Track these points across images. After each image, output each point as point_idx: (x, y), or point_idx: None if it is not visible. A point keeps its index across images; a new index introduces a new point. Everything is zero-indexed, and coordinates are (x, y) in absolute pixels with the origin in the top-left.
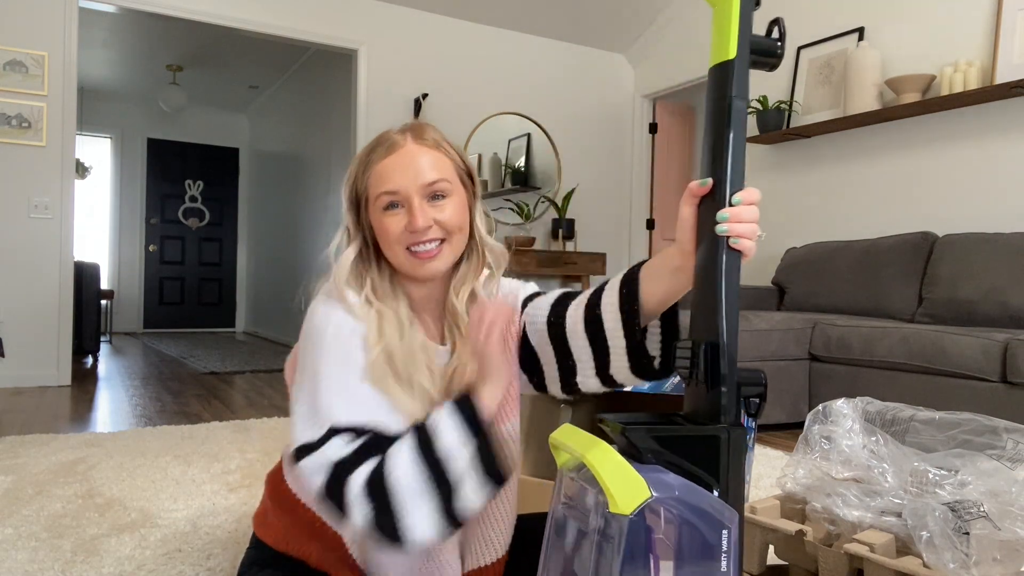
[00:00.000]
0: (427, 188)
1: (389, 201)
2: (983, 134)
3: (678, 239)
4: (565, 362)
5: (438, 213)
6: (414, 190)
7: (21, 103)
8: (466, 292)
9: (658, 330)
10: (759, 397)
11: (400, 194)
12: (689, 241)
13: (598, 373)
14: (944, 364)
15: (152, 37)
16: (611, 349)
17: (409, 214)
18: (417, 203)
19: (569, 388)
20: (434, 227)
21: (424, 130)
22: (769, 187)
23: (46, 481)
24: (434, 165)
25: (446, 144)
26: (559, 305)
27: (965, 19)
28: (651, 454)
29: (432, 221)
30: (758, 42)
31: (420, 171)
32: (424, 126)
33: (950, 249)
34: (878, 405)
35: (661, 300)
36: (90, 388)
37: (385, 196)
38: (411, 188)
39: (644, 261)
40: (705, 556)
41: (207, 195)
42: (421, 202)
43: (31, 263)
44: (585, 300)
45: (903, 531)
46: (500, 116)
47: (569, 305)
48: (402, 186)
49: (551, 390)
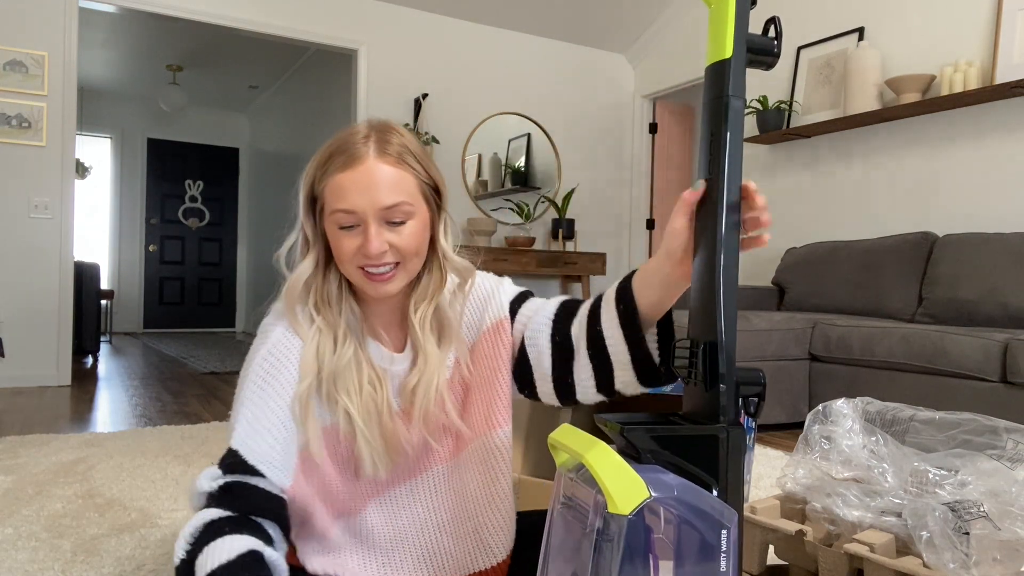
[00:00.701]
0: (385, 212)
1: (345, 221)
2: (983, 134)
3: (669, 248)
4: (565, 380)
5: (395, 237)
6: (371, 213)
7: (21, 103)
8: (428, 308)
9: (655, 337)
10: (758, 396)
11: (356, 215)
12: (681, 250)
13: (600, 389)
14: (944, 364)
15: (152, 37)
16: (615, 365)
17: (364, 238)
18: (374, 229)
19: (566, 400)
20: (388, 252)
21: (389, 140)
22: (769, 187)
23: (46, 481)
24: (395, 186)
25: (411, 157)
26: (560, 323)
27: (965, 19)
28: (650, 454)
29: (387, 246)
30: (755, 41)
31: (379, 193)
32: (390, 133)
33: (950, 249)
34: (878, 405)
35: (657, 309)
36: (90, 388)
37: (341, 214)
38: (368, 211)
39: (634, 271)
40: (704, 556)
41: (207, 195)
42: (378, 227)
43: (31, 263)
44: (585, 321)
45: (903, 531)
46: (500, 116)
47: (572, 324)
48: (359, 207)
49: (543, 400)
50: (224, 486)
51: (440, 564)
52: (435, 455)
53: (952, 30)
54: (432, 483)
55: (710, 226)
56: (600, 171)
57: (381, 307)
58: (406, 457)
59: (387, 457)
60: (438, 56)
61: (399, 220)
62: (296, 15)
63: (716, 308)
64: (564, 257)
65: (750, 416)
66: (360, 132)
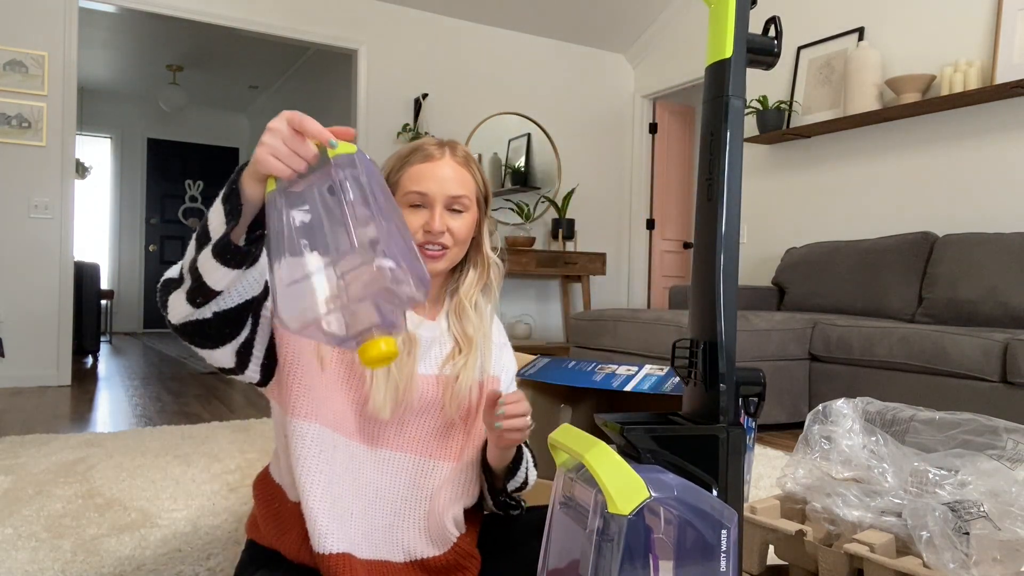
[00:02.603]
0: (451, 199)
1: (416, 200)
2: (983, 134)
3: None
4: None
5: (453, 223)
6: (439, 198)
7: (21, 103)
8: (475, 298)
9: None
10: (758, 396)
11: (428, 197)
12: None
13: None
14: (944, 364)
15: (152, 37)
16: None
17: (431, 216)
18: (439, 210)
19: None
20: (446, 234)
21: (457, 148)
22: (769, 187)
23: (46, 481)
24: (461, 181)
25: (474, 164)
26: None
27: (965, 19)
28: (650, 454)
29: (446, 228)
30: (755, 41)
31: (449, 183)
32: (457, 144)
33: (950, 249)
34: (878, 405)
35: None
36: (90, 388)
37: (414, 195)
38: (438, 195)
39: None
40: (704, 556)
41: (207, 195)
42: (442, 210)
43: (31, 263)
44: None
45: (903, 531)
46: (500, 116)
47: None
48: (431, 191)
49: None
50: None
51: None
52: (447, 450)
53: (952, 30)
54: (426, 470)
55: (710, 226)
56: (600, 171)
57: None
58: (411, 410)
59: (397, 397)
60: (438, 56)
61: (459, 209)
62: (296, 15)
63: (716, 308)
64: (564, 257)
65: (750, 416)
66: (433, 141)
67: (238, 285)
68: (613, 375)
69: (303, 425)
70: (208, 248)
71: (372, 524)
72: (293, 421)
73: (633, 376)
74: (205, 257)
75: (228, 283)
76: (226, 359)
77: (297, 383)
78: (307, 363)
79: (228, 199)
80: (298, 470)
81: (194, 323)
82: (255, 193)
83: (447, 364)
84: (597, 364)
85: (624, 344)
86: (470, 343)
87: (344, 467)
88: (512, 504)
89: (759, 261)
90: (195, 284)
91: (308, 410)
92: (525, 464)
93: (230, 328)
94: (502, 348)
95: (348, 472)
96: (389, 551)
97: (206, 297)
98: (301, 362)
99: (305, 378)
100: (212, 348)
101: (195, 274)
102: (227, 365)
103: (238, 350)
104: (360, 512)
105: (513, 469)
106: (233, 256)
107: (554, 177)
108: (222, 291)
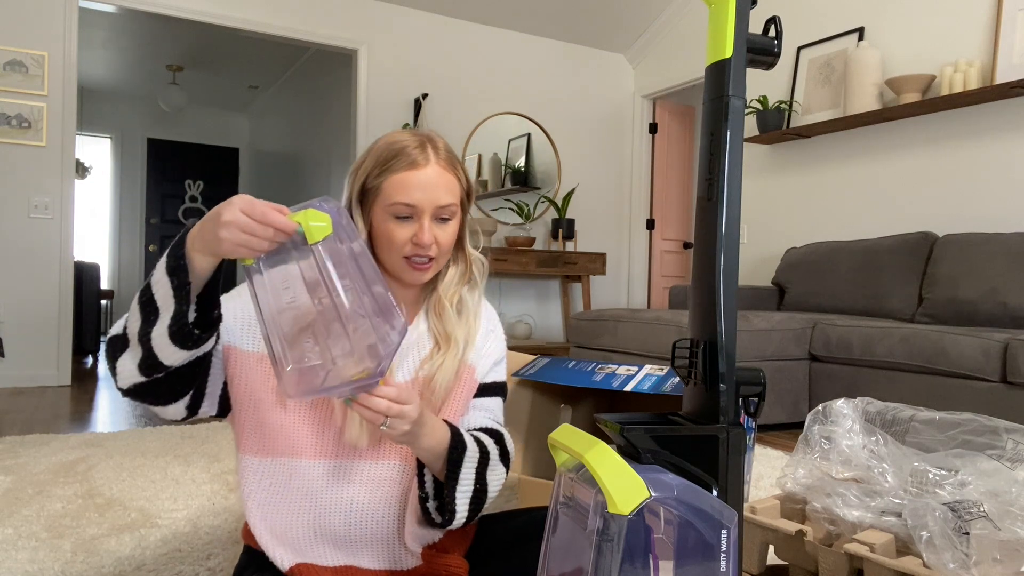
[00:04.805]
0: (439, 210)
1: (403, 212)
2: (983, 134)
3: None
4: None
5: (440, 233)
6: (428, 209)
7: (21, 103)
8: (455, 295)
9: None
10: (758, 396)
11: (416, 208)
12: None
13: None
14: (944, 364)
15: (152, 37)
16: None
17: (419, 229)
18: (427, 222)
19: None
20: (433, 246)
21: (440, 147)
22: (769, 187)
23: (46, 481)
24: (448, 188)
25: (458, 164)
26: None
27: (965, 19)
28: (650, 454)
29: (434, 239)
30: (755, 40)
31: (437, 192)
32: (438, 141)
33: (950, 249)
34: (878, 405)
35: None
36: (90, 388)
37: (400, 206)
38: (426, 206)
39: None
40: (704, 556)
41: (207, 195)
42: (430, 222)
43: (31, 263)
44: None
45: (903, 531)
46: (500, 116)
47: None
48: (419, 202)
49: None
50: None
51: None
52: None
53: (952, 30)
54: (379, 473)
55: (710, 226)
56: (600, 171)
57: (402, 290)
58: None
59: (373, 427)
60: (438, 56)
61: (447, 218)
62: (296, 15)
63: (716, 308)
64: (564, 257)
65: (750, 416)
66: (412, 141)
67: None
68: (613, 375)
69: (250, 460)
70: (161, 328)
71: (352, 536)
72: (242, 457)
73: (633, 376)
74: (159, 336)
75: (184, 359)
76: (178, 413)
77: (249, 419)
78: (260, 399)
79: (175, 272)
80: (245, 502)
81: (145, 385)
82: (205, 268)
83: (424, 365)
84: (597, 364)
85: (624, 344)
86: (448, 341)
87: (306, 490)
88: (444, 515)
89: (759, 261)
90: (147, 357)
91: (258, 447)
92: (470, 464)
93: (182, 385)
94: (487, 335)
95: (315, 492)
96: (372, 559)
97: (160, 369)
98: (253, 398)
99: (257, 413)
100: (164, 405)
101: (147, 348)
102: (178, 417)
103: (188, 404)
104: (343, 525)
105: (452, 467)
106: (193, 342)
107: (554, 177)
108: (177, 365)
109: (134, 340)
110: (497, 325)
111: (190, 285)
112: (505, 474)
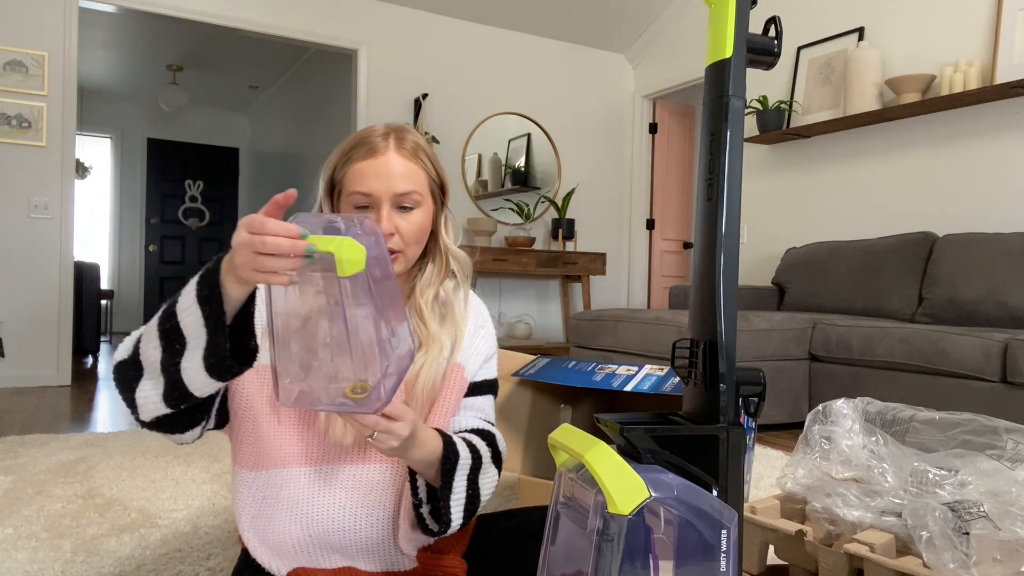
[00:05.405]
0: (397, 198)
1: (361, 202)
2: (983, 134)
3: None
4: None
5: (402, 222)
6: (386, 197)
7: (21, 103)
8: (431, 294)
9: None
10: (758, 396)
11: (372, 197)
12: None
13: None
14: (944, 364)
15: (152, 37)
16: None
17: (376, 218)
18: (386, 211)
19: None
20: (395, 236)
21: (405, 137)
22: (769, 187)
23: (46, 481)
24: (408, 176)
25: (424, 154)
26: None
27: (965, 19)
28: (650, 454)
29: (395, 229)
30: (755, 40)
31: (394, 180)
32: (406, 132)
33: (950, 249)
34: (878, 405)
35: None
36: (90, 388)
37: (358, 196)
38: (383, 195)
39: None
40: (704, 556)
41: (207, 195)
42: (390, 210)
43: (31, 263)
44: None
45: (903, 531)
46: (500, 116)
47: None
48: (375, 190)
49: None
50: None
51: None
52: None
53: (952, 30)
54: (370, 476)
55: (710, 226)
56: (600, 171)
57: None
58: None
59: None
60: (438, 56)
61: (408, 206)
62: (296, 15)
63: (716, 308)
64: (564, 257)
65: (750, 416)
66: (379, 130)
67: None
68: (613, 375)
69: (244, 475)
70: (194, 359)
71: (346, 540)
72: (237, 471)
73: (633, 376)
74: (192, 368)
75: (214, 388)
76: (193, 437)
77: (246, 432)
78: (257, 410)
79: (208, 301)
80: (239, 516)
81: (170, 416)
82: (238, 296)
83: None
84: (597, 364)
85: (624, 344)
86: (430, 339)
87: (297, 498)
88: (439, 522)
89: (759, 261)
90: (174, 388)
91: (253, 460)
92: (463, 472)
93: (202, 412)
94: (475, 332)
95: (306, 499)
96: (367, 562)
97: (189, 400)
98: (251, 411)
99: (254, 425)
100: (182, 433)
101: (173, 378)
102: (191, 441)
103: (203, 426)
104: (335, 531)
105: (446, 477)
106: (232, 372)
107: (554, 177)
108: (207, 394)
109: (154, 370)
110: (487, 320)
111: (224, 315)
112: (497, 476)
